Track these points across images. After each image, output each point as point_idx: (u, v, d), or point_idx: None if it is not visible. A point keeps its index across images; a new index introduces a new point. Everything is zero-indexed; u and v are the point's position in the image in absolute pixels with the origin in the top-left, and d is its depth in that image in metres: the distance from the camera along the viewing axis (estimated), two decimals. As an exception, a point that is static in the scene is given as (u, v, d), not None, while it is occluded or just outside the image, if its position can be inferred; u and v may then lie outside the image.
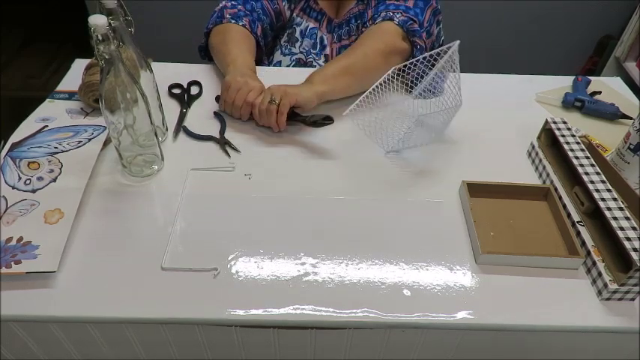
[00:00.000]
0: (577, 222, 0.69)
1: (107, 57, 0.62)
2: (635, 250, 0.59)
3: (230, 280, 0.63)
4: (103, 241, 0.67)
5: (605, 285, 0.61)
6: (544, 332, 0.62)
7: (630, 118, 0.93)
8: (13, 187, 0.71)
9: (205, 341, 0.64)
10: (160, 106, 0.82)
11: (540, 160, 0.80)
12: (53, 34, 2.35)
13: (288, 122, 0.85)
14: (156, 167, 0.78)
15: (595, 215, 0.69)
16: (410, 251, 0.67)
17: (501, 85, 1.01)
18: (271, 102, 0.82)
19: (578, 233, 0.68)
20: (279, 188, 0.76)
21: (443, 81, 0.84)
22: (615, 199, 0.66)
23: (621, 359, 0.68)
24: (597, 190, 0.68)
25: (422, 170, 0.81)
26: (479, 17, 1.80)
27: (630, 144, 0.76)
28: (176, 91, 0.96)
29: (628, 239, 0.60)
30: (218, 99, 0.92)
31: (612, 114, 0.93)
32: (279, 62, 1.10)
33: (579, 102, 0.95)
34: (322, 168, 0.80)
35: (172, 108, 0.91)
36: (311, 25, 1.09)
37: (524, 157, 0.84)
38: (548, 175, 0.77)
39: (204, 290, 0.61)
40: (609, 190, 0.68)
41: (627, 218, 0.63)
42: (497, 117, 0.93)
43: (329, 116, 0.83)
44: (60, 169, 0.74)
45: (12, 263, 0.61)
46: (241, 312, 0.59)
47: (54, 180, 0.72)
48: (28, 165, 0.74)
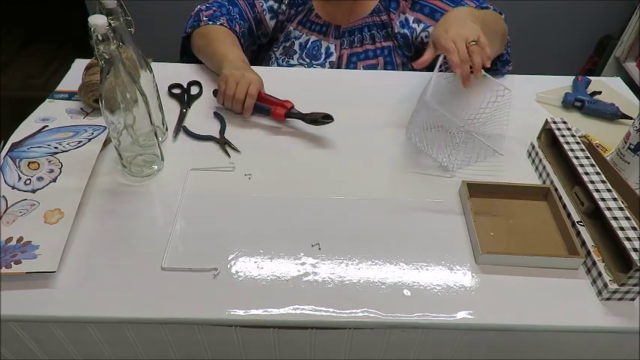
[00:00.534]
0: (577, 222, 0.69)
1: (107, 57, 0.62)
2: (635, 250, 0.59)
3: (230, 280, 0.63)
4: (103, 241, 0.67)
5: (605, 285, 0.61)
6: (544, 332, 0.62)
7: (630, 118, 0.93)
8: (13, 187, 0.71)
9: (205, 341, 0.64)
10: (160, 106, 0.82)
11: (540, 160, 0.80)
12: (53, 34, 2.35)
13: (287, 119, 0.86)
14: (156, 167, 0.78)
15: (595, 215, 0.69)
16: (410, 251, 0.67)
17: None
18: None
19: (578, 233, 0.68)
20: (279, 188, 0.76)
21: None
22: (615, 199, 0.66)
23: (621, 359, 0.68)
24: (597, 190, 0.68)
25: (422, 170, 0.81)
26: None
27: (630, 144, 0.76)
28: (176, 91, 0.96)
29: (628, 239, 0.60)
30: (216, 93, 0.92)
31: (612, 114, 0.93)
32: None
33: (579, 102, 0.95)
34: (322, 168, 0.80)
35: (172, 108, 0.91)
36: (313, 38, 1.08)
37: (524, 157, 0.84)
38: (548, 175, 0.77)
39: (204, 290, 0.61)
40: (609, 190, 0.67)
41: (627, 218, 0.63)
42: (496, 116, 0.92)
43: (328, 114, 0.82)
44: (60, 169, 0.74)
45: (12, 263, 0.61)
46: (241, 312, 0.59)
47: (54, 180, 0.72)
48: (28, 165, 0.74)
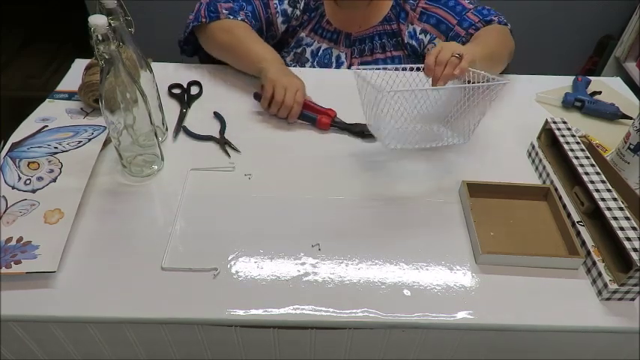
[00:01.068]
0: (577, 222, 0.69)
1: (107, 57, 0.62)
2: (635, 250, 0.59)
3: (230, 280, 0.63)
4: (103, 241, 0.67)
5: (605, 285, 0.61)
6: (544, 332, 0.62)
7: (630, 118, 0.93)
8: (13, 187, 0.71)
9: (205, 341, 0.64)
10: (160, 106, 0.82)
11: (540, 160, 0.80)
12: (53, 34, 2.35)
13: (330, 129, 0.88)
14: (156, 167, 0.78)
15: (595, 215, 0.69)
16: (410, 251, 0.67)
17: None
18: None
19: (578, 233, 0.68)
20: (279, 188, 0.76)
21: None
22: (615, 199, 0.66)
23: (621, 359, 0.68)
24: (597, 190, 0.68)
25: (422, 170, 0.81)
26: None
27: (630, 144, 0.76)
28: (176, 91, 0.96)
29: (628, 239, 0.60)
30: (257, 96, 0.92)
31: (612, 114, 0.93)
32: None
33: (579, 102, 0.95)
34: (322, 168, 0.80)
35: (172, 108, 0.91)
36: (324, 46, 1.08)
37: (524, 157, 0.84)
38: (548, 175, 0.77)
39: (204, 290, 0.61)
40: (609, 190, 0.67)
41: (627, 218, 0.63)
42: (497, 117, 0.93)
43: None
44: (60, 169, 0.74)
45: (12, 263, 0.61)
46: (241, 312, 0.59)
47: (54, 180, 0.72)
48: (28, 165, 0.74)
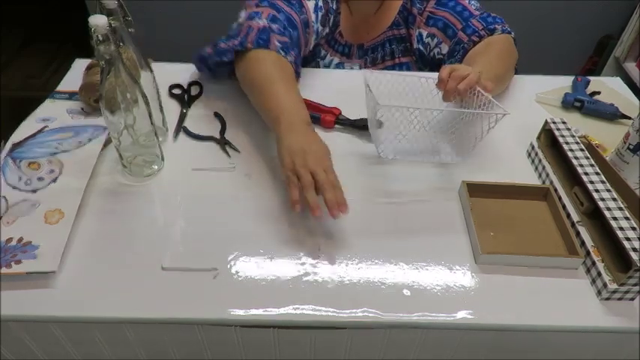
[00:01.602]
0: (577, 222, 0.69)
1: (107, 57, 0.62)
2: (634, 250, 0.59)
3: (230, 280, 0.63)
4: (103, 241, 0.67)
5: (604, 285, 0.61)
6: (544, 332, 0.62)
7: (630, 118, 0.93)
8: (14, 187, 0.71)
9: (205, 341, 0.65)
10: (160, 107, 0.82)
11: (540, 160, 0.80)
12: (53, 34, 2.35)
13: (334, 126, 0.87)
14: (156, 167, 0.78)
15: (595, 215, 0.69)
16: (410, 251, 0.67)
17: (501, 85, 1.01)
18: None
19: (577, 233, 0.68)
20: (279, 188, 0.76)
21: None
22: (615, 199, 0.66)
23: (621, 359, 0.68)
24: (597, 190, 0.68)
25: (422, 170, 0.81)
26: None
27: (630, 144, 0.76)
28: (176, 92, 0.96)
29: (628, 239, 0.60)
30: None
31: (612, 114, 0.93)
32: None
33: (579, 102, 0.95)
34: (322, 168, 0.80)
35: (172, 108, 0.91)
36: (336, 61, 1.07)
37: (524, 157, 0.84)
38: (547, 175, 0.77)
39: (204, 290, 0.61)
40: (609, 190, 0.68)
41: (627, 218, 0.63)
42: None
43: (377, 120, 0.82)
44: (60, 170, 0.74)
45: (12, 263, 0.61)
46: (241, 312, 0.59)
47: (54, 180, 0.72)
48: (29, 165, 0.74)
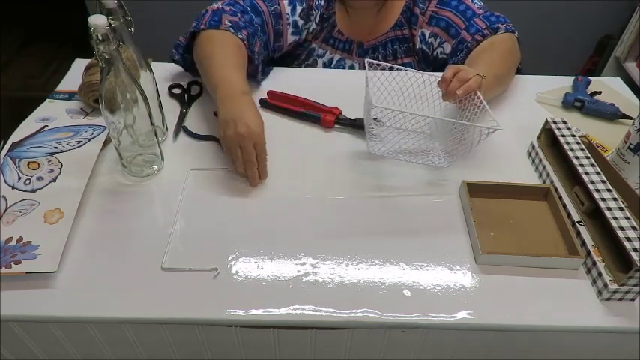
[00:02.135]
0: (577, 222, 0.69)
1: (107, 57, 0.62)
2: (635, 250, 0.59)
3: (230, 280, 0.63)
4: (103, 241, 0.67)
5: (605, 285, 0.61)
6: (544, 332, 0.62)
7: (630, 118, 0.93)
8: (13, 187, 0.71)
9: (205, 341, 0.64)
10: (160, 106, 0.82)
11: (540, 160, 0.80)
12: (53, 34, 2.35)
13: (334, 126, 0.87)
14: (156, 167, 0.78)
15: (595, 215, 0.69)
16: (410, 251, 0.67)
17: (501, 85, 1.01)
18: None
19: (578, 233, 0.68)
20: (279, 188, 0.76)
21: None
22: (615, 199, 0.66)
23: (621, 359, 0.68)
24: (597, 190, 0.68)
25: (422, 170, 0.81)
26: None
27: (630, 144, 0.76)
28: (176, 91, 0.96)
29: (628, 239, 0.60)
30: (263, 102, 0.91)
31: (612, 114, 0.93)
32: None
33: (579, 102, 0.95)
34: (323, 167, 0.80)
35: (172, 108, 0.91)
36: (337, 57, 1.07)
37: (524, 157, 0.84)
38: (548, 175, 0.77)
39: (204, 290, 0.61)
40: (609, 190, 0.67)
41: (627, 218, 0.63)
42: (497, 117, 0.92)
43: (376, 119, 0.83)
44: (60, 169, 0.74)
45: (12, 263, 0.61)
46: (241, 312, 0.59)
47: (54, 180, 0.72)
48: (28, 165, 0.74)
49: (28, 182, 0.72)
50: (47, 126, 0.83)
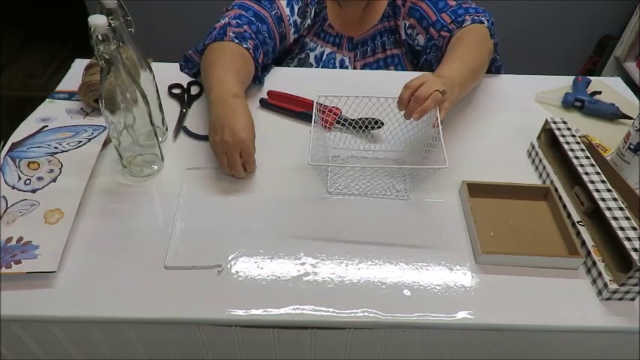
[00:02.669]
0: (577, 222, 0.69)
1: (107, 57, 0.62)
2: (635, 250, 0.59)
3: (230, 280, 0.63)
4: (103, 241, 0.67)
5: (605, 285, 0.61)
6: (544, 332, 0.62)
7: (630, 118, 0.93)
8: (13, 187, 0.71)
9: (205, 341, 0.64)
10: (160, 106, 0.82)
11: (540, 160, 0.80)
12: (53, 34, 2.36)
13: (334, 125, 0.86)
14: (156, 167, 0.78)
15: (595, 215, 0.69)
16: (410, 251, 0.67)
17: (501, 85, 1.01)
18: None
19: (578, 233, 0.68)
20: (279, 188, 0.76)
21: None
22: (615, 199, 0.66)
23: (621, 359, 0.68)
24: (597, 190, 0.68)
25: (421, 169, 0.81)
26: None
27: (630, 144, 0.76)
28: (176, 91, 0.96)
29: (628, 239, 0.60)
30: (262, 102, 0.91)
31: (612, 114, 0.93)
32: None
33: (579, 102, 0.95)
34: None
35: (172, 108, 0.91)
36: (328, 50, 1.07)
37: (524, 157, 0.84)
38: (548, 175, 0.77)
39: (204, 290, 0.61)
40: (609, 190, 0.67)
41: (627, 218, 0.63)
42: (497, 117, 0.93)
43: (377, 120, 0.83)
44: (60, 169, 0.74)
45: (12, 263, 0.61)
46: (241, 312, 0.59)
47: (54, 180, 0.72)
48: (28, 165, 0.74)
49: (28, 182, 0.72)
50: (47, 126, 0.83)
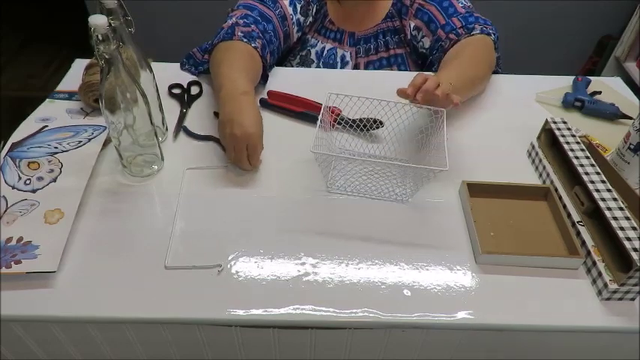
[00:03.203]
0: (577, 222, 0.69)
1: (107, 57, 0.62)
2: (635, 250, 0.59)
3: (230, 280, 0.63)
4: (103, 241, 0.67)
5: (605, 285, 0.61)
6: (544, 332, 0.62)
7: (630, 118, 0.93)
8: (13, 187, 0.71)
9: (205, 341, 0.64)
10: (160, 106, 0.82)
11: (540, 160, 0.80)
12: (53, 34, 2.35)
13: (334, 126, 0.86)
14: (156, 167, 0.78)
15: (595, 215, 0.69)
16: (410, 251, 0.67)
17: (501, 85, 1.01)
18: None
19: (578, 233, 0.68)
20: (280, 187, 0.76)
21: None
22: (615, 199, 0.66)
23: (621, 359, 0.68)
24: (597, 190, 0.68)
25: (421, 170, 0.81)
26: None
27: (630, 144, 0.76)
28: (176, 91, 0.96)
29: (628, 239, 0.60)
30: (262, 102, 0.91)
31: (612, 114, 0.93)
32: None
33: (579, 102, 0.95)
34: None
35: (172, 108, 0.91)
36: (329, 46, 1.07)
37: (524, 157, 0.84)
38: (548, 175, 0.77)
39: (204, 290, 0.61)
40: (609, 190, 0.67)
41: (627, 218, 0.63)
42: (497, 117, 0.93)
43: (377, 119, 0.83)
44: (60, 169, 0.74)
45: (12, 263, 0.61)
46: (241, 312, 0.59)
47: (54, 180, 0.72)
48: (28, 165, 0.74)
49: (28, 182, 0.72)
50: (47, 126, 0.83)
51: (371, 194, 0.75)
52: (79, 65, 0.98)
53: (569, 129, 0.79)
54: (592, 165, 0.72)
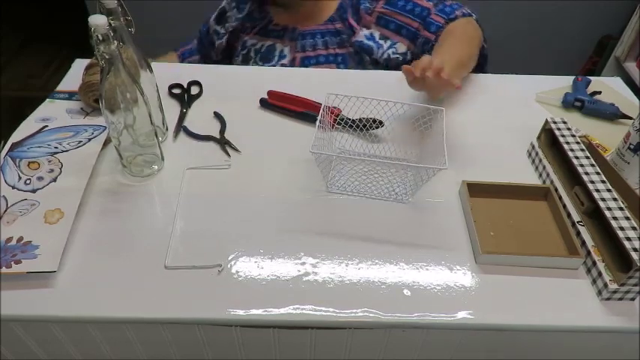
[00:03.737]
0: (577, 222, 0.69)
1: (107, 57, 0.62)
2: (635, 250, 0.59)
3: (230, 280, 0.63)
4: (103, 241, 0.67)
5: (605, 285, 0.61)
6: (544, 332, 0.62)
7: (630, 118, 0.93)
8: (13, 187, 0.71)
9: (205, 341, 0.64)
10: (160, 106, 0.82)
11: (540, 160, 0.80)
12: (53, 34, 2.35)
13: (334, 128, 0.86)
14: (156, 167, 0.78)
15: (595, 215, 0.69)
16: (410, 251, 0.67)
17: (501, 85, 1.01)
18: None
19: (578, 233, 0.68)
20: (280, 188, 0.76)
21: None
22: (615, 199, 0.66)
23: (621, 359, 0.68)
24: (597, 190, 0.68)
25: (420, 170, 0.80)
26: (479, 17, 1.80)
27: (630, 144, 0.76)
28: (176, 91, 0.96)
29: (628, 239, 0.60)
30: (262, 102, 0.92)
31: (612, 114, 0.93)
32: None
33: (579, 102, 0.95)
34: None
35: (172, 108, 0.91)
36: (268, 43, 1.11)
37: (524, 157, 0.84)
38: (548, 175, 0.77)
39: (204, 290, 0.61)
40: (609, 190, 0.67)
41: (627, 218, 0.63)
42: (497, 117, 0.93)
43: (377, 119, 0.83)
44: (60, 169, 0.74)
45: (12, 263, 0.61)
46: (241, 312, 0.59)
47: (54, 180, 0.72)
48: (28, 165, 0.74)
49: (29, 182, 0.72)
50: (47, 126, 0.83)
51: (371, 194, 0.75)
52: (79, 65, 0.98)
53: (569, 129, 0.79)
54: (592, 165, 0.72)
